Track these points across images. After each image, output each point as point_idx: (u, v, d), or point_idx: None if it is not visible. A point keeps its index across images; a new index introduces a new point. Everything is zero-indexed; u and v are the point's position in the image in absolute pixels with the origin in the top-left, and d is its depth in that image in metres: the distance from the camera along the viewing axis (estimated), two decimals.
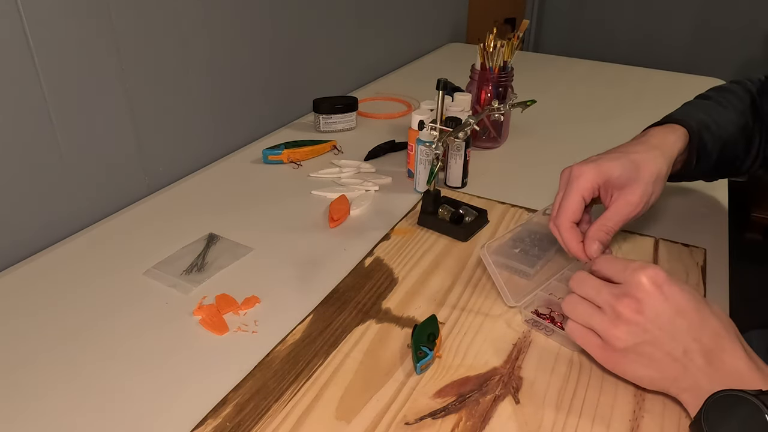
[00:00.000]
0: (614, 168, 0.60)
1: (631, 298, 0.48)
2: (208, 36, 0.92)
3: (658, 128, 0.68)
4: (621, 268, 0.50)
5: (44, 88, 0.71)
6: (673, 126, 0.67)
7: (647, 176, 0.61)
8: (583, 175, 0.60)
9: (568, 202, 0.61)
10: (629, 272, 0.49)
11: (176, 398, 0.53)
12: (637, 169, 0.61)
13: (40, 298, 0.66)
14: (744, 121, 0.73)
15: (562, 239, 0.62)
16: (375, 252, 0.74)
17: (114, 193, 0.84)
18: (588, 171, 0.60)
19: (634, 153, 0.62)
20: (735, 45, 2.51)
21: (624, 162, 0.61)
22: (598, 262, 0.53)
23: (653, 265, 0.49)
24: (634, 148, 0.63)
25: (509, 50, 0.98)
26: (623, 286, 0.50)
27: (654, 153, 0.62)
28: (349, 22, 1.28)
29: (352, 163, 0.96)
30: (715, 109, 0.72)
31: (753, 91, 0.77)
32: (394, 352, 0.58)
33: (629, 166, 0.61)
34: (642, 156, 0.62)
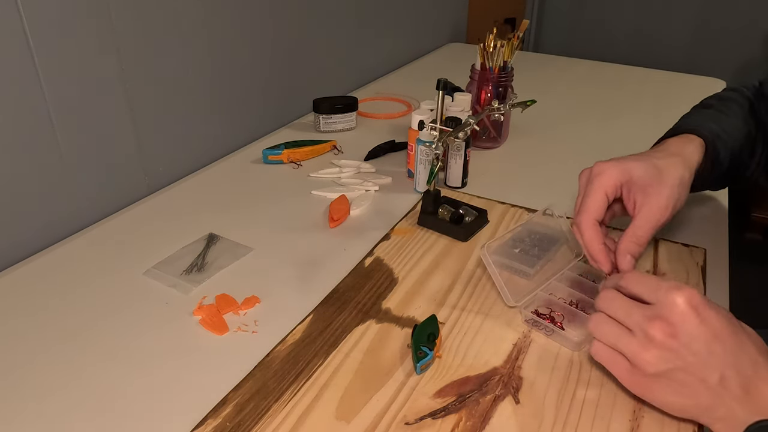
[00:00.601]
0: (637, 167, 0.58)
1: (665, 320, 0.45)
2: (208, 36, 0.92)
3: (673, 139, 0.66)
4: (653, 287, 0.47)
5: (44, 88, 0.71)
6: (688, 136, 0.66)
7: (671, 180, 0.59)
8: (606, 172, 0.58)
9: (590, 199, 0.58)
10: (663, 292, 0.46)
11: (176, 398, 0.53)
12: (660, 173, 0.59)
13: (40, 298, 0.66)
14: (747, 129, 0.72)
15: (583, 240, 0.59)
16: (375, 252, 0.74)
17: (114, 193, 0.84)
18: (610, 167, 0.58)
19: (655, 158, 0.60)
20: (735, 45, 2.51)
21: (647, 164, 0.59)
22: (627, 279, 0.50)
23: (687, 285, 0.46)
24: (653, 155, 0.61)
25: (509, 50, 0.98)
26: (656, 307, 0.46)
27: (675, 159, 0.61)
28: (349, 22, 1.28)
29: (352, 163, 0.96)
30: (721, 118, 0.71)
31: (750, 97, 0.76)
32: (394, 352, 0.58)
33: (652, 169, 0.59)
34: (663, 161, 0.60)
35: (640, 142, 0.76)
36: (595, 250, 0.58)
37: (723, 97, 0.77)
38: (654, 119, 0.78)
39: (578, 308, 0.62)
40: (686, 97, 0.79)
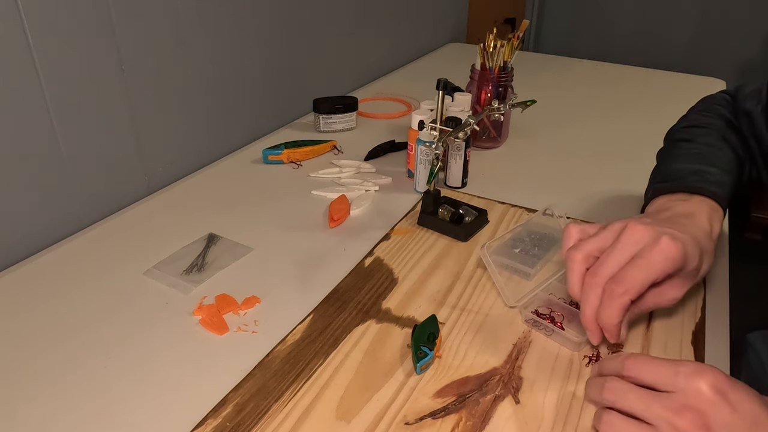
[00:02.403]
0: (695, 258, 0.52)
1: (693, 410, 0.40)
2: (208, 36, 0.92)
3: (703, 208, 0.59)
4: (670, 373, 0.41)
5: (44, 88, 0.71)
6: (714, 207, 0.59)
7: (700, 276, 0.55)
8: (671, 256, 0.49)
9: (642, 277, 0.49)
10: (683, 378, 0.41)
11: (176, 398, 0.53)
12: (700, 265, 0.53)
13: (39, 298, 0.66)
14: (737, 157, 0.69)
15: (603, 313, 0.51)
16: (375, 252, 0.74)
17: (114, 193, 0.84)
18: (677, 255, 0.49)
19: (702, 242, 0.54)
20: (735, 45, 2.51)
21: (699, 255, 0.52)
22: (634, 366, 0.44)
23: (708, 366, 0.41)
24: (700, 236, 0.54)
25: (509, 50, 0.98)
26: (678, 396, 0.41)
27: (713, 249, 0.56)
28: (349, 22, 1.28)
29: (352, 163, 0.96)
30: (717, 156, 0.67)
31: (726, 115, 0.73)
32: (394, 352, 0.58)
33: (700, 260, 0.53)
34: (707, 251, 0.54)
35: (639, 142, 0.76)
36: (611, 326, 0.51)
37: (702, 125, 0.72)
38: (654, 119, 0.78)
39: (578, 308, 0.62)
40: (686, 97, 0.79)
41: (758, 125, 0.69)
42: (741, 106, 0.71)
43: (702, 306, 0.65)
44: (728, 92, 0.76)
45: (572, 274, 0.53)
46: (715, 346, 0.60)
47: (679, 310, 0.64)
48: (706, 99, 0.77)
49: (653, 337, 0.61)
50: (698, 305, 0.65)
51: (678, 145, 0.70)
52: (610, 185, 0.90)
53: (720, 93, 0.77)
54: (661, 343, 0.60)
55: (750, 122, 0.70)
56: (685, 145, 0.69)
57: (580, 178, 0.93)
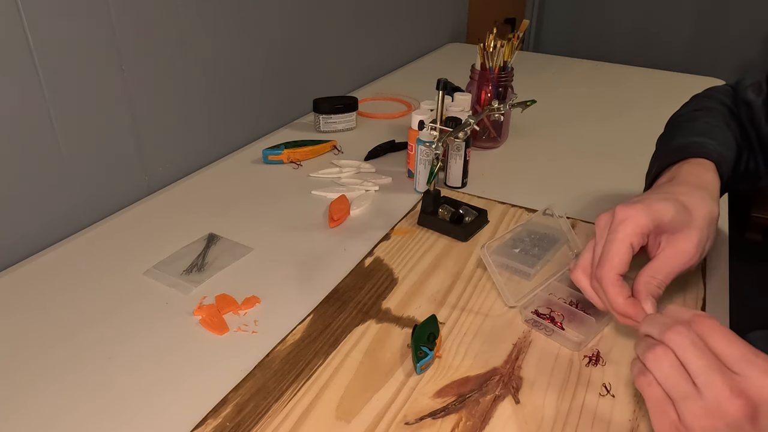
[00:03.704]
0: (666, 210, 0.51)
1: (747, 400, 0.38)
2: (208, 36, 0.92)
3: (687, 166, 0.60)
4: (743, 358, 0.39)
5: (44, 88, 0.71)
6: (702, 162, 0.60)
7: (700, 220, 0.53)
8: (632, 219, 0.50)
9: (613, 250, 0.50)
10: (756, 370, 0.38)
11: (176, 398, 0.53)
12: (689, 212, 0.52)
13: (39, 298, 0.66)
14: (735, 140, 0.69)
15: (606, 296, 0.51)
16: (375, 252, 0.74)
17: (114, 193, 0.84)
18: (636, 213, 0.51)
19: (680, 194, 0.54)
20: (735, 45, 2.51)
21: (675, 204, 0.52)
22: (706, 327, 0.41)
23: None
24: (677, 189, 0.55)
25: (509, 50, 0.98)
26: (741, 380, 0.38)
27: (701, 193, 0.55)
28: (349, 22, 1.28)
29: (352, 163, 0.96)
30: (714, 132, 0.67)
31: (727, 103, 0.73)
32: (394, 352, 0.58)
33: (681, 208, 0.52)
34: (690, 198, 0.54)
35: (639, 142, 0.76)
36: (621, 306, 0.50)
37: (704, 107, 0.73)
38: (654, 119, 0.78)
39: (578, 308, 0.62)
40: (686, 97, 0.79)
41: (757, 116, 0.70)
42: (741, 96, 0.72)
43: (702, 306, 0.65)
44: (730, 84, 0.77)
45: (585, 292, 0.54)
46: None
47: None
48: (709, 89, 0.78)
49: None
50: (698, 305, 0.65)
51: (679, 126, 0.71)
52: (610, 185, 0.90)
53: (722, 86, 0.78)
54: None
55: (749, 112, 0.70)
56: (686, 125, 0.70)
57: (580, 178, 0.93)
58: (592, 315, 0.61)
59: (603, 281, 0.51)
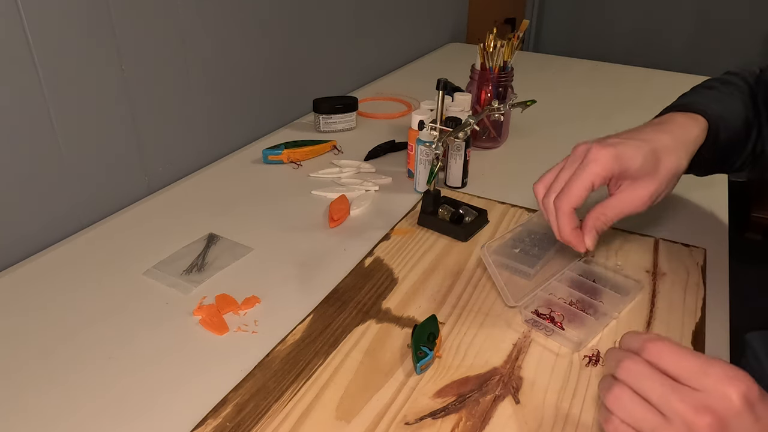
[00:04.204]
0: (635, 158, 0.56)
1: (715, 415, 0.37)
2: (208, 36, 0.92)
3: (679, 117, 0.64)
4: (698, 371, 0.38)
5: (44, 88, 0.71)
6: (696, 117, 0.64)
7: (665, 173, 0.57)
8: (600, 161, 0.55)
9: (576, 186, 0.56)
10: (713, 381, 0.38)
11: (176, 398, 0.53)
12: (657, 163, 0.57)
13: (39, 298, 0.66)
14: (746, 114, 0.71)
15: (556, 223, 0.58)
16: (375, 252, 0.74)
17: (114, 193, 0.84)
18: (606, 156, 0.55)
19: (657, 143, 0.58)
20: (735, 45, 2.51)
21: (646, 152, 0.57)
22: (657, 352, 0.40)
23: (741, 372, 0.39)
24: (657, 137, 0.59)
25: (509, 50, 0.98)
26: (701, 396, 0.38)
27: (677, 145, 0.59)
28: (349, 22, 1.28)
29: (352, 163, 0.96)
30: (724, 100, 0.70)
31: (750, 82, 0.75)
32: (394, 352, 0.58)
33: (650, 158, 0.57)
34: (665, 147, 0.58)
35: None
36: (567, 234, 0.57)
37: (724, 81, 0.75)
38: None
39: (578, 308, 0.62)
40: None
41: None
42: (763, 77, 0.74)
43: (702, 306, 0.65)
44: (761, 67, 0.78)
45: (538, 202, 0.61)
46: (715, 346, 0.60)
47: (679, 310, 0.64)
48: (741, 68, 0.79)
49: None
50: (698, 305, 0.65)
51: (695, 90, 0.74)
52: None
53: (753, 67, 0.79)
54: None
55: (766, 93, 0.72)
56: (700, 90, 0.74)
57: None
58: (592, 315, 0.61)
59: (558, 210, 0.57)
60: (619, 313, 0.64)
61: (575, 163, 0.58)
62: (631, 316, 0.64)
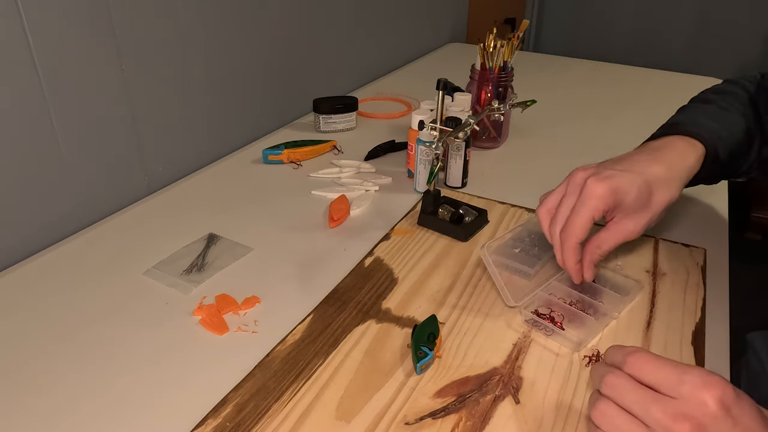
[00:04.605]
0: (630, 191, 0.58)
1: (693, 421, 0.38)
2: (208, 36, 0.92)
3: (677, 143, 0.64)
4: (674, 379, 0.40)
5: (44, 88, 0.71)
6: (692, 142, 0.64)
7: (657, 206, 0.59)
8: (597, 195, 0.57)
9: (579, 222, 0.58)
10: (688, 388, 0.39)
11: (176, 398, 0.53)
12: (650, 196, 0.59)
13: (39, 298, 0.66)
14: (747, 124, 0.71)
15: (562, 256, 0.60)
16: (375, 252, 0.74)
17: (114, 193, 0.84)
18: (604, 191, 0.57)
19: (651, 175, 0.59)
20: (735, 45, 2.51)
21: (640, 185, 0.58)
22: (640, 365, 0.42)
23: (716, 377, 0.39)
24: (652, 169, 0.60)
25: (509, 50, 0.98)
26: (679, 404, 0.39)
27: (672, 179, 0.60)
28: (349, 22, 1.28)
29: (352, 163, 0.96)
30: (722, 115, 0.70)
31: (750, 90, 0.75)
32: (394, 352, 0.58)
33: (644, 190, 0.58)
34: (660, 181, 0.59)
35: (639, 142, 0.76)
36: (572, 267, 0.60)
37: (723, 91, 0.76)
38: (654, 119, 0.78)
39: (578, 308, 0.62)
40: (686, 97, 0.79)
41: None
42: (764, 84, 0.74)
43: (702, 306, 0.65)
44: (762, 72, 0.78)
45: (543, 228, 0.62)
46: (715, 346, 0.60)
47: (679, 310, 0.64)
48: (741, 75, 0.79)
49: (653, 336, 0.61)
50: (698, 305, 0.65)
51: (693, 105, 0.75)
52: None
53: (754, 73, 0.79)
54: (661, 343, 0.60)
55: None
56: (699, 105, 0.74)
57: None
58: (592, 315, 0.61)
59: (564, 244, 0.59)
60: (619, 313, 0.64)
61: (575, 194, 0.59)
62: (631, 317, 0.64)
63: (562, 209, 0.60)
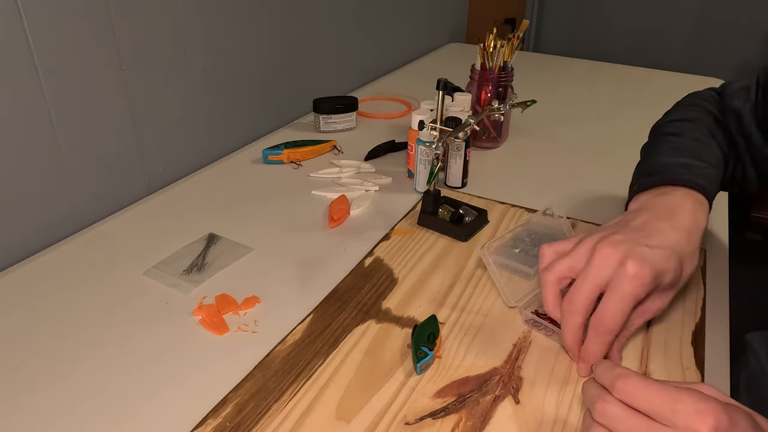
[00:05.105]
0: (668, 273, 0.52)
1: None
2: (208, 36, 0.92)
3: (686, 202, 0.58)
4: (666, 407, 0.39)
5: (44, 88, 0.71)
6: (698, 198, 0.59)
7: (684, 281, 0.55)
8: (639, 284, 0.50)
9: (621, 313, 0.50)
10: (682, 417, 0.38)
11: (176, 398, 0.53)
12: (680, 272, 0.54)
13: (39, 298, 0.66)
14: (722, 152, 0.68)
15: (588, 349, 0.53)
16: (375, 252, 0.74)
17: (114, 193, 0.84)
18: (648, 276, 0.50)
19: (680, 249, 0.53)
20: (735, 45, 2.51)
21: (676, 266, 0.52)
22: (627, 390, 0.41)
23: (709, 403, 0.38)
24: (677, 240, 0.54)
25: (509, 50, 0.98)
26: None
27: (695, 251, 0.55)
28: (349, 22, 1.28)
29: (352, 163, 0.96)
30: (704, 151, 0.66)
31: (713, 111, 0.72)
32: (394, 352, 0.58)
33: (678, 270, 0.53)
34: (687, 256, 0.54)
35: (639, 143, 0.76)
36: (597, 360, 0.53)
37: (690, 119, 0.71)
38: (654, 119, 0.78)
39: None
40: None
41: (746, 123, 0.69)
42: (728, 104, 0.71)
43: (702, 306, 0.65)
44: (715, 89, 0.76)
45: (546, 296, 0.55)
46: (715, 346, 0.60)
47: (679, 310, 0.64)
48: (693, 95, 0.77)
49: (653, 337, 0.61)
50: (698, 305, 0.65)
51: (665, 139, 0.70)
52: (610, 185, 0.90)
53: (707, 90, 0.77)
54: (661, 343, 0.60)
55: (738, 120, 0.70)
56: (672, 139, 0.69)
57: (580, 177, 0.93)
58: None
59: (598, 341, 0.52)
60: None
61: (601, 272, 0.51)
62: None
63: (584, 289, 0.52)
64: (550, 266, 0.55)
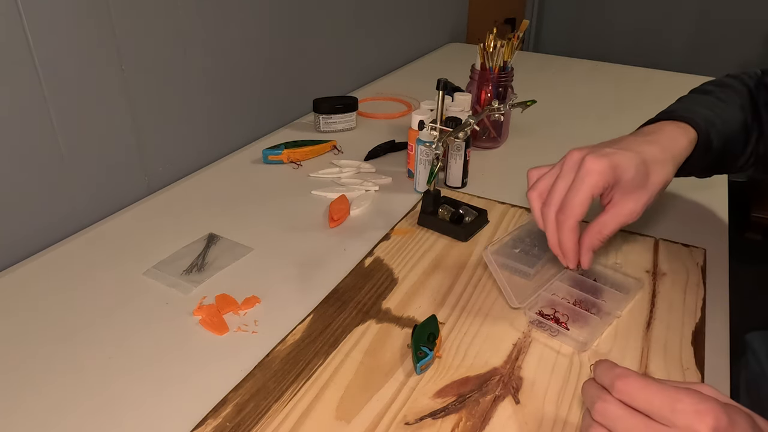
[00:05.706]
0: (628, 169, 0.56)
1: None
2: (208, 36, 0.92)
3: (668, 127, 0.64)
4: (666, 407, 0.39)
5: (44, 88, 0.71)
6: (684, 127, 0.64)
7: (654, 185, 0.58)
8: (597, 171, 0.55)
9: (578, 200, 0.56)
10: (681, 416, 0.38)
11: (176, 398, 0.53)
12: (647, 175, 0.58)
13: (39, 298, 0.66)
14: (744, 117, 0.71)
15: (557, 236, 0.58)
16: (375, 252, 0.74)
17: (114, 193, 0.84)
18: (604, 167, 0.55)
19: (647, 154, 0.58)
20: (735, 45, 2.51)
21: (638, 164, 0.57)
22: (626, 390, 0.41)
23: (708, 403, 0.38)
24: (647, 148, 0.59)
25: (509, 50, 0.98)
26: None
27: (666, 160, 0.59)
28: (349, 22, 1.28)
29: (352, 163, 0.96)
30: (718, 105, 0.70)
31: (750, 85, 0.75)
32: (394, 352, 0.58)
33: (642, 169, 0.57)
34: (655, 161, 0.59)
35: None
36: (569, 249, 0.58)
37: (722, 84, 0.75)
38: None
39: (582, 308, 0.62)
40: None
41: None
42: (765, 80, 0.74)
43: (702, 306, 0.65)
44: (763, 69, 0.77)
45: (533, 211, 0.61)
46: (715, 346, 0.60)
47: (679, 310, 0.64)
48: (742, 71, 0.79)
49: (653, 336, 0.61)
50: (698, 305, 0.65)
51: (691, 95, 0.75)
52: None
53: (755, 69, 0.78)
54: (661, 343, 0.60)
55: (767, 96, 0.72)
56: (696, 95, 0.74)
57: None
58: (595, 314, 0.61)
59: (563, 225, 0.57)
60: (622, 312, 0.64)
61: (570, 173, 0.57)
62: (631, 317, 0.64)
63: (557, 189, 0.58)
64: (535, 185, 0.61)
